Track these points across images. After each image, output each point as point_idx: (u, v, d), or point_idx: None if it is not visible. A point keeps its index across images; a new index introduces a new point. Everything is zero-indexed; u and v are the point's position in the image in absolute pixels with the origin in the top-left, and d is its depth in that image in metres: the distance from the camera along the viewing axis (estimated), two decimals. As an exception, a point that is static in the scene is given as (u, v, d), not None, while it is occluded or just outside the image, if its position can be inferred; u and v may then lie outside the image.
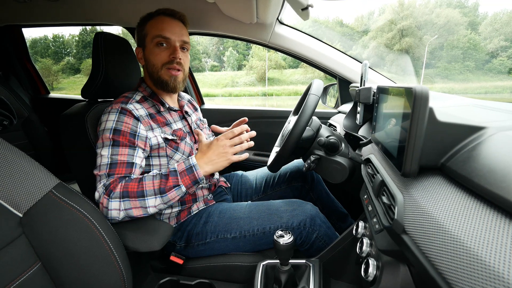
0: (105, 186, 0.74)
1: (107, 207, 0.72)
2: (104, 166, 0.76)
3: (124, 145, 0.79)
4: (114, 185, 0.74)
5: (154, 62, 0.89)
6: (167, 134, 0.90)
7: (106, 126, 0.80)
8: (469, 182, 0.35)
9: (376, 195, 0.55)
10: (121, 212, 0.72)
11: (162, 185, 0.73)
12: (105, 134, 0.79)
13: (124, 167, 0.78)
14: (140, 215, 0.74)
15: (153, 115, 0.89)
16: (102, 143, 0.79)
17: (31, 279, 0.54)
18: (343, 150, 0.87)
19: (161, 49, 0.88)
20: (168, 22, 0.88)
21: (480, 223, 0.30)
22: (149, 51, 0.89)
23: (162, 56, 0.88)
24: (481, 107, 0.57)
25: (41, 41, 43.41)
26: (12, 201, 0.54)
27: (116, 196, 0.72)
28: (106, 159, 0.77)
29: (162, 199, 0.74)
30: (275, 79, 37.47)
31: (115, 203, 0.72)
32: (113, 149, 0.78)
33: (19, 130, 1.62)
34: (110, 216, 0.72)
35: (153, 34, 0.87)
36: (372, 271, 0.55)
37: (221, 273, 0.90)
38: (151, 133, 0.86)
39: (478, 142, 0.38)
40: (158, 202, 0.74)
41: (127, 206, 0.72)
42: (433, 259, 0.32)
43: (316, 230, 0.88)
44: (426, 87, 0.39)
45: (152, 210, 0.74)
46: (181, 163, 0.77)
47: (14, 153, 0.57)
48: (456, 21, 40.56)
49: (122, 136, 0.79)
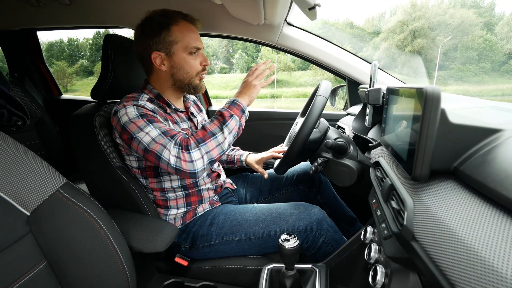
0: (178, 144, 0.78)
1: (191, 160, 0.76)
2: (159, 137, 0.78)
3: (158, 121, 0.82)
4: (185, 141, 0.78)
5: (188, 70, 0.90)
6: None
7: (131, 116, 0.80)
8: (484, 188, 0.33)
9: (385, 200, 0.53)
10: (204, 157, 0.78)
11: (221, 120, 0.82)
12: (136, 120, 0.80)
13: (174, 131, 0.81)
14: (219, 154, 0.81)
15: (162, 114, 0.90)
16: (139, 127, 0.79)
17: (36, 277, 0.55)
18: (351, 153, 0.85)
19: (193, 57, 0.90)
20: (194, 30, 0.91)
21: (496, 232, 0.28)
22: (181, 59, 0.89)
23: (196, 65, 0.92)
24: (496, 109, 0.55)
25: (56, 45, 44.75)
26: (20, 199, 0.55)
27: (194, 147, 0.77)
28: (155, 132, 0.78)
29: (228, 128, 0.81)
30: (284, 81, 37.40)
31: (196, 152, 0.77)
32: (154, 124, 0.80)
33: (32, 130, 1.66)
34: (196, 168, 0.76)
35: (187, 43, 0.87)
36: (380, 278, 0.53)
37: (226, 276, 0.89)
38: (167, 123, 0.88)
39: (494, 145, 0.36)
40: (226, 133, 0.81)
41: (206, 149, 0.78)
42: (445, 269, 0.30)
43: (323, 234, 0.86)
44: (438, 87, 0.37)
45: (227, 143, 0.82)
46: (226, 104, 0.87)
47: (23, 152, 0.58)
48: (471, 21, 39.55)
49: (152, 116, 0.82)
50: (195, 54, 0.90)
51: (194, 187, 0.96)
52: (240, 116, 0.85)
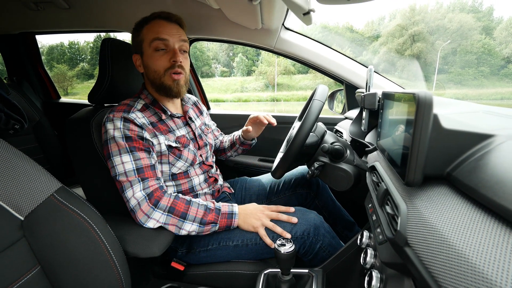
0: (147, 193, 0.77)
1: (148, 215, 0.75)
2: (131, 172, 0.78)
3: (140, 149, 0.80)
4: (158, 195, 0.78)
5: (155, 68, 0.86)
6: (170, 141, 0.89)
7: (116, 133, 0.80)
8: (475, 193, 0.33)
9: (380, 204, 0.53)
10: (158, 223, 0.77)
11: (205, 217, 0.81)
12: (118, 141, 0.79)
13: (149, 170, 0.80)
14: (172, 232, 0.80)
15: (154, 124, 0.88)
16: (119, 150, 0.79)
17: (30, 282, 0.54)
18: (348, 157, 0.85)
19: (160, 53, 0.86)
20: (165, 25, 0.86)
21: (486, 238, 0.28)
22: (148, 57, 0.87)
23: (163, 61, 0.86)
24: (491, 114, 0.55)
25: (57, 48, 44.96)
26: (14, 204, 0.55)
27: (161, 208, 0.77)
28: (131, 164, 0.78)
29: (198, 229, 0.81)
30: (284, 85, 37.52)
31: (158, 214, 0.77)
32: (133, 154, 0.79)
33: (30, 133, 1.66)
34: (146, 223, 0.77)
35: (150, 38, 0.85)
36: (376, 284, 0.53)
37: (222, 281, 0.89)
38: (156, 139, 0.86)
39: (486, 151, 0.36)
40: (193, 228, 0.80)
41: (167, 220, 0.77)
42: (437, 275, 0.30)
43: (320, 240, 0.85)
44: (429, 92, 0.37)
45: (184, 233, 0.80)
46: (225, 206, 0.87)
47: (18, 156, 0.58)
48: (469, 26, 39.78)
49: (135, 141, 0.80)
50: (163, 50, 0.86)
51: (191, 192, 0.96)
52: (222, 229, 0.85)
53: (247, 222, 0.85)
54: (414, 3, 58.51)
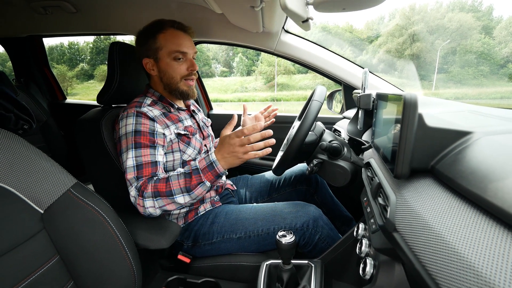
0: (137, 188, 0.81)
1: (143, 206, 0.79)
2: (131, 169, 0.82)
3: (145, 146, 0.85)
4: (144, 186, 0.80)
5: (173, 75, 0.95)
6: (180, 129, 0.95)
7: (127, 129, 0.85)
8: (454, 183, 0.37)
9: (374, 197, 0.58)
10: (157, 209, 0.80)
11: (187, 184, 0.79)
12: (128, 138, 0.85)
13: (149, 167, 0.84)
14: (175, 208, 0.82)
15: (166, 114, 0.95)
16: (126, 147, 0.85)
17: (50, 271, 0.59)
18: (345, 154, 0.90)
19: (179, 63, 0.94)
20: (183, 38, 0.94)
21: (461, 220, 0.32)
22: (166, 64, 0.94)
23: (181, 70, 0.95)
24: (475, 113, 0.59)
25: (57, 48, 44.90)
26: (34, 198, 0.59)
27: (148, 196, 0.79)
28: (132, 161, 0.83)
29: (190, 196, 0.80)
30: (284, 85, 37.51)
31: (149, 201, 0.79)
32: (136, 151, 0.84)
33: (37, 133, 1.71)
34: (149, 213, 0.80)
35: (170, 49, 0.92)
36: (369, 270, 0.57)
37: (227, 272, 0.93)
38: (168, 130, 0.91)
39: (464, 146, 0.40)
40: (187, 199, 0.80)
41: (160, 204, 0.80)
42: (419, 254, 0.34)
43: (318, 231, 0.90)
44: (415, 94, 0.42)
45: (184, 207, 0.83)
46: (202, 160, 0.80)
47: (37, 154, 0.62)
48: (469, 25, 39.80)
49: (143, 136, 0.85)
50: (181, 59, 0.94)
51: None
52: (214, 181, 0.80)
53: (229, 163, 0.78)
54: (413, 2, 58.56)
